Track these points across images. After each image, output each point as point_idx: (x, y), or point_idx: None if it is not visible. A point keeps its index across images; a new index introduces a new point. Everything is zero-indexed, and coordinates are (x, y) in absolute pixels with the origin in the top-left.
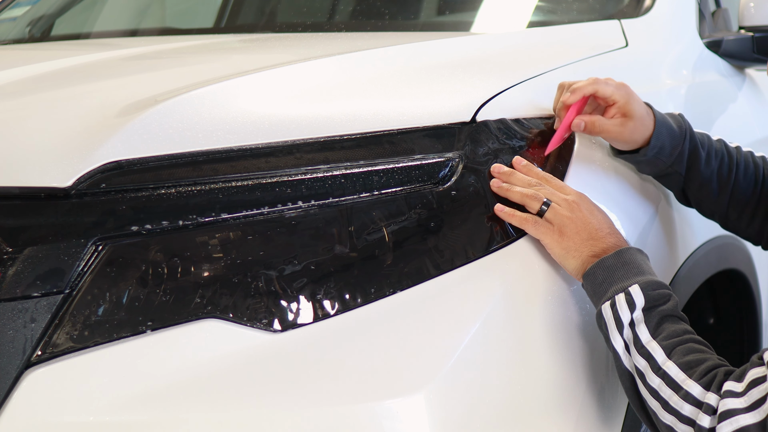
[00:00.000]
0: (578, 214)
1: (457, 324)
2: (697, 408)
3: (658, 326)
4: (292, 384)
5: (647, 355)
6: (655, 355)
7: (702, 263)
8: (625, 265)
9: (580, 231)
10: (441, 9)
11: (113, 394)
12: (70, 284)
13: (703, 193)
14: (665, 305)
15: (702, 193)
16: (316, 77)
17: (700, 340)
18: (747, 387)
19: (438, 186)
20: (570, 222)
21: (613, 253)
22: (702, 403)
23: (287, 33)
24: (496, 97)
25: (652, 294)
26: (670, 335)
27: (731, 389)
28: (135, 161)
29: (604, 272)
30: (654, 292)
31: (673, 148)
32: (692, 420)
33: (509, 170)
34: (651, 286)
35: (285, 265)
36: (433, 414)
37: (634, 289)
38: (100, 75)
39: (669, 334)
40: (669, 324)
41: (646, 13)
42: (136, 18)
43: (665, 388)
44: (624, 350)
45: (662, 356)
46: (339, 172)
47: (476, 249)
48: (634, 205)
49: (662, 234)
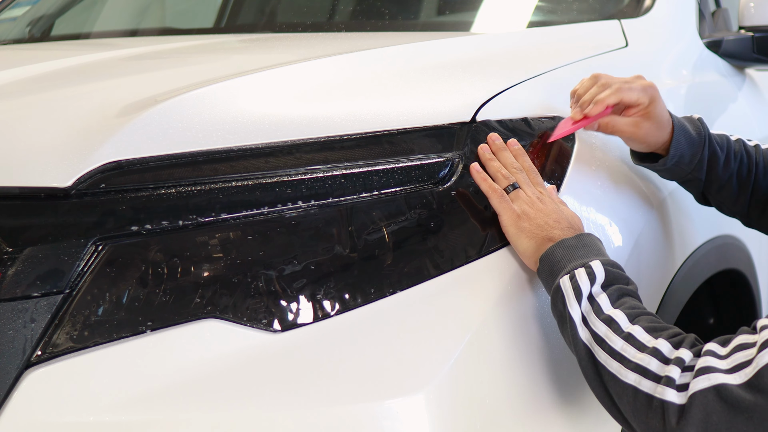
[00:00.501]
0: (539, 205)
1: (457, 324)
2: (664, 363)
3: (618, 299)
4: (292, 384)
5: (609, 320)
6: (619, 320)
7: (702, 263)
8: (585, 246)
9: (538, 216)
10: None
11: (113, 394)
12: (70, 284)
13: (724, 195)
14: (625, 285)
15: (722, 195)
16: (316, 77)
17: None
18: (732, 351)
19: (438, 186)
20: (529, 208)
21: (575, 235)
22: (671, 358)
23: (287, 33)
24: (496, 97)
25: (612, 271)
26: (632, 307)
27: (714, 350)
28: (135, 161)
29: (562, 251)
30: (614, 270)
31: (693, 155)
32: (658, 375)
33: (501, 145)
34: (611, 264)
35: (285, 265)
36: (433, 414)
37: (595, 263)
38: (100, 75)
39: (631, 306)
40: (630, 299)
41: (646, 13)
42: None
43: (629, 348)
44: (581, 320)
45: (626, 321)
46: (339, 172)
47: (476, 249)
48: (633, 204)
49: (662, 234)
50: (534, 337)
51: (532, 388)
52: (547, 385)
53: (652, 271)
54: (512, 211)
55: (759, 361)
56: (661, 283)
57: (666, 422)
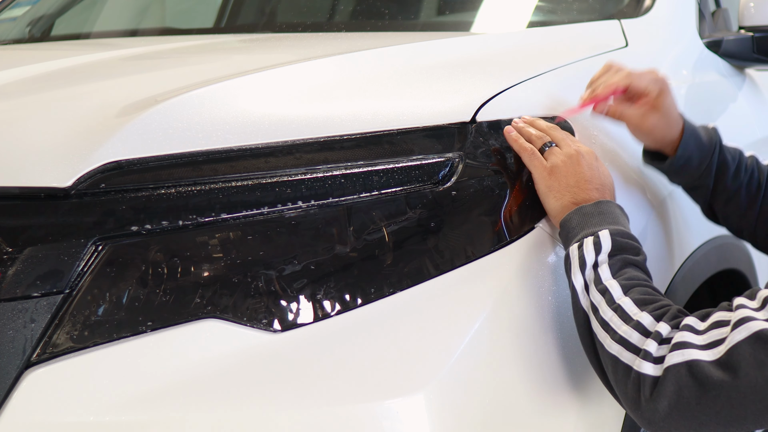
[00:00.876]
0: (574, 162)
1: (457, 324)
2: (645, 336)
3: (620, 269)
4: (292, 384)
5: (604, 290)
6: (612, 291)
7: (702, 263)
8: (601, 214)
9: (568, 176)
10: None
11: (113, 394)
12: (70, 284)
13: (731, 208)
14: (632, 255)
15: (729, 208)
16: (316, 77)
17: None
18: (709, 327)
19: (438, 186)
20: (563, 165)
21: (594, 202)
22: (651, 332)
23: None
24: (496, 97)
25: (619, 241)
26: (631, 278)
27: (692, 325)
28: (135, 161)
29: (579, 218)
30: (622, 240)
31: (701, 160)
32: (638, 348)
33: (531, 118)
34: (620, 234)
35: (285, 265)
36: (433, 414)
37: (603, 233)
38: (100, 75)
39: (630, 276)
40: (632, 269)
41: (646, 13)
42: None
43: (616, 319)
44: (583, 288)
45: (619, 292)
46: (339, 172)
47: (476, 249)
48: (633, 204)
49: (662, 234)
50: (534, 337)
51: (532, 388)
52: (547, 384)
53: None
54: (543, 167)
55: (731, 339)
56: (661, 283)
57: (641, 393)
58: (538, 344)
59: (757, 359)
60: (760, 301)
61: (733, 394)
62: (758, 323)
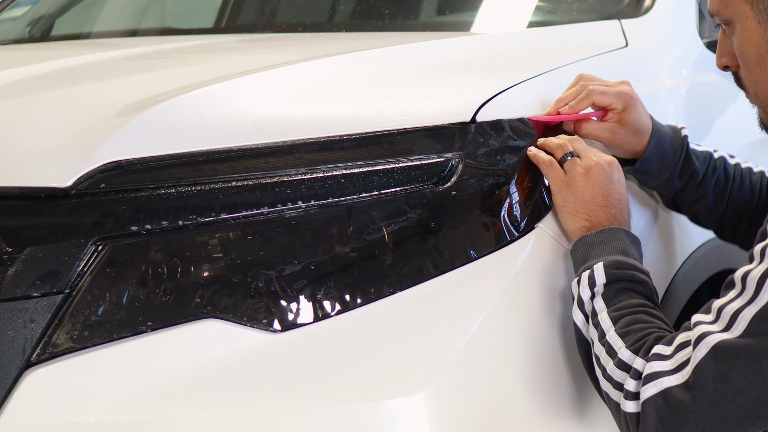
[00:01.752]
0: (593, 176)
1: (457, 324)
2: (625, 373)
3: (613, 298)
4: (292, 384)
5: (597, 324)
6: (603, 325)
7: (702, 263)
8: (603, 244)
9: (585, 191)
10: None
11: (113, 394)
12: (69, 284)
13: (698, 207)
14: (626, 281)
15: (696, 207)
16: (316, 77)
17: (653, 312)
18: (675, 350)
19: (438, 186)
20: (581, 179)
21: (597, 231)
22: (630, 367)
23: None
24: (496, 97)
25: (613, 273)
26: (621, 307)
27: (659, 352)
28: (135, 161)
29: (583, 249)
30: (617, 271)
31: (661, 172)
32: (621, 385)
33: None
34: (615, 265)
35: (285, 265)
36: (433, 414)
37: (598, 267)
38: (100, 75)
39: (621, 306)
40: (624, 297)
41: (646, 13)
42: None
43: (604, 355)
44: (583, 322)
45: (608, 325)
46: (339, 172)
47: (476, 249)
48: (633, 205)
49: (662, 234)
50: (534, 337)
51: (532, 388)
52: (547, 385)
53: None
54: (560, 180)
55: (694, 359)
56: (661, 284)
57: (631, 429)
58: (538, 344)
59: (719, 372)
60: (714, 313)
61: (710, 411)
62: (714, 336)
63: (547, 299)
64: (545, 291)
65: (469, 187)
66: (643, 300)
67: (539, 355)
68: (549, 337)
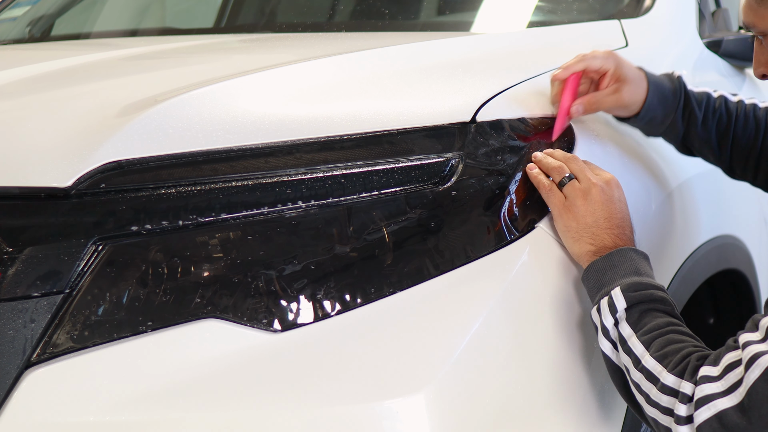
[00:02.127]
0: (593, 198)
1: (457, 324)
2: (673, 398)
3: (638, 321)
4: (292, 384)
5: (629, 351)
6: (636, 350)
7: (702, 263)
8: (614, 268)
9: (587, 215)
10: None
11: (113, 394)
12: (70, 284)
13: (705, 150)
14: (647, 302)
15: (703, 150)
16: (316, 77)
17: (682, 330)
18: (723, 371)
19: (438, 186)
20: (582, 203)
21: (604, 255)
22: (678, 392)
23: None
24: (496, 97)
25: (632, 295)
26: (650, 329)
27: (707, 374)
28: (135, 161)
29: (594, 276)
30: (635, 293)
31: (665, 116)
32: (670, 410)
33: (551, 150)
34: (632, 287)
35: (285, 265)
36: (433, 414)
37: (616, 292)
38: (100, 75)
39: (649, 328)
40: (650, 318)
41: (646, 13)
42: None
43: (645, 382)
44: (612, 350)
45: (641, 350)
46: (339, 172)
47: (476, 249)
48: (633, 204)
49: (662, 234)
50: (534, 337)
51: (532, 388)
52: (547, 384)
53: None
54: (561, 205)
55: (747, 380)
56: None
57: None
58: (538, 344)
59: None
60: (763, 331)
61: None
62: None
63: (547, 299)
64: (545, 291)
65: (469, 187)
66: (668, 318)
67: (539, 355)
68: (548, 337)
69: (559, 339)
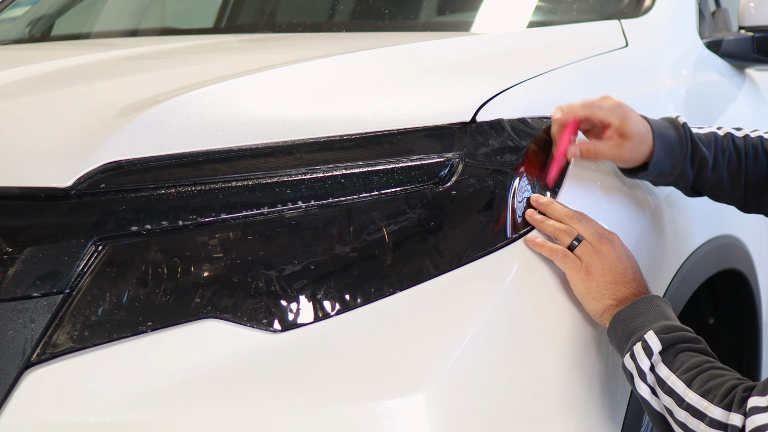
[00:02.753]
0: (607, 257)
1: (457, 324)
2: (723, 431)
3: (675, 361)
4: (292, 384)
5: (670, 391)
6: (677, 389)
7: (702, 263)
8: (640, 315)
9: (605, 273)
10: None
11: (113, 394)
12: (70, 284)
13: (717, 191)
14: (681, 342)
15: (715, 191)
16: (316, 77)
17: (720, 365)
18: None
19: (438, 186)
20: (598, 262)
21: (628, 305)
22: (727, 425)
23: (287, 33)
24: (496, 97)
25: (666, 337)
26: (688, 368)
27: (757, 405)
28: (135, 161)
29: (622, 326)
30: (669, 335)
31: (674, 167)
32: None
33: (548, 201)
34: (665, 329)
35: (285, 265)
36: (433, 414)
37: (650, 335)
38: (100, 75)
39: (688, 366)
40: (686, 357)
41: (646, 13)
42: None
43: (692, 419)
44: (651, 394)
45: (683, 388)
46: (339, 172)
47: (476, 249)
48: (633, 204)
49: (662, 234)
50: (534, 337)
51: (532, 388)
52: (547, 385)
53: (652, 271)
54: (579, 269)
55: None
56: (661, 283)
57: None
58: (538, 344)
59: None
60: None
61: None
62: None
63: (546, 299)
64: (545, 291)
65: (469, 187)
66: (705, 356)
67: (538, 356)
68: (549, 337)
69: (558, 338)
